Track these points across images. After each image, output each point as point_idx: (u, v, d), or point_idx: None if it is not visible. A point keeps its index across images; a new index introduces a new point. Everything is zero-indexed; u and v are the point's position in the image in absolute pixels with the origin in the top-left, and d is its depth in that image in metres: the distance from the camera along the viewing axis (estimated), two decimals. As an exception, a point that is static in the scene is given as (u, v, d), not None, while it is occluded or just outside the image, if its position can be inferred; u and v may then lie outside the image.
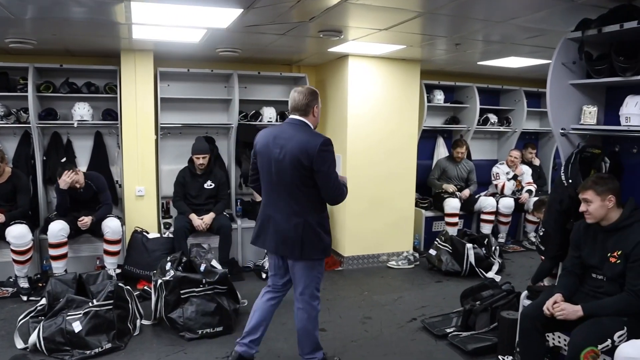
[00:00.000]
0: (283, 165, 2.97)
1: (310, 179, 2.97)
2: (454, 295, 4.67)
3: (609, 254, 2.84)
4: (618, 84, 3.20)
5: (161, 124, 5.68)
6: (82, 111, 5.32)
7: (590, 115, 3.31)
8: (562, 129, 3.41)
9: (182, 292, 3.91)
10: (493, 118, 7.15)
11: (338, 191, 3.06)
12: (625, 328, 2.66)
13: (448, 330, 4.01)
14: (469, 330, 3.97)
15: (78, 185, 4.75)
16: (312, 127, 3.14)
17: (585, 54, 3.22)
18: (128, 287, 3.99)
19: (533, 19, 3.66)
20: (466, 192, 6.48)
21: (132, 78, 5.34)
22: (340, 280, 5.40)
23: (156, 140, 5.64)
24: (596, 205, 2.83)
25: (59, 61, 5.31)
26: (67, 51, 5.32)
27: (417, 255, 6.05)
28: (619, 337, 2.63)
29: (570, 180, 3.24)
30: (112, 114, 5.53)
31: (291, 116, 3.12)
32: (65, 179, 4.60)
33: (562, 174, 3.32)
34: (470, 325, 4.00)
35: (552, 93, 3.37)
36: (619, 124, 3.11)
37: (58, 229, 4.60)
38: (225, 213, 5.53)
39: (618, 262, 2.79)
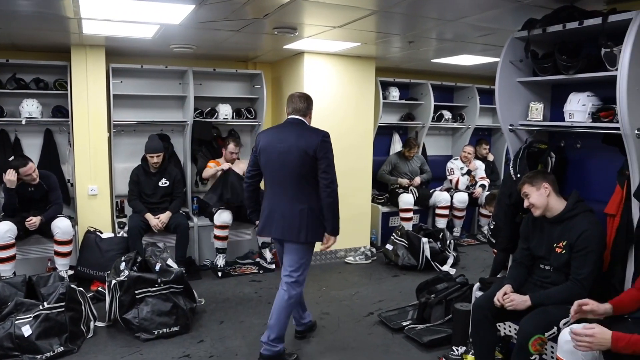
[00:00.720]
0: (289, 157, 3.33)
1: (313, 168, 3.33)
2: (410, 289, 4.74)
3: (554, 245, 2.95)
4: (562, 81, 3.32)
5: (114, 121, 5.57)
6: (30, 108, 5.15)
7: (537, 111, 3.43)
8: (510, 125, 3.52)
9: (137, 292, 3.85)
10: (447, 114, 7.30)
11: (335, 176, 3.38)
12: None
13: (404, 324, 4.08)
14: (424, 322, 4.04)
15: (34, 182, 4.61)
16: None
17: (531, 52, 3.33)
18: (81, 288, 3.88)
19: (483, 17, 3.75)
20: (417, 180, 6.63)
21: (83, 74, 5.20)
22: (299, 277, 5.41)
23: (109, 138, 5.51)
24: (535, 196, 2.94)
25: (5, 56, 5.12)
26: (13, 46, 5.15)
27: (374, 250, 6.13)
28: (564, 324, 2.73)
29: (518, 175, 3.35)
30: (62, 111, 5.38)
31: (292, 116, 3.50)
32: (9, 178, 4.45)
33: (510, 168, 3.44)
34: (425, 318, 4.08)
35: (500, 90, 3.48)
36: (564, 120, 3.23)
37: (4, 230, 4.44)
38: (181, 211, 5.46)
39: (563, 252, 2.90)
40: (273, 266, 5.57)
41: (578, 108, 3.12)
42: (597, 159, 3.37)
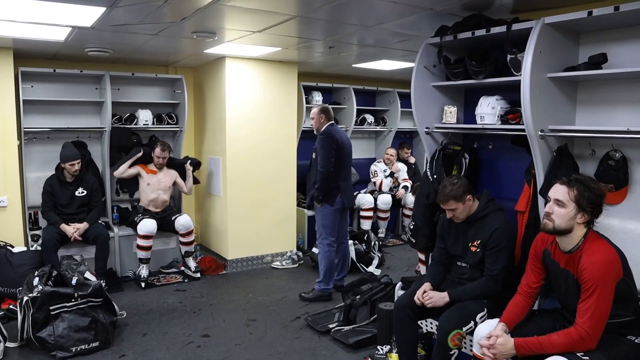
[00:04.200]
0: (349, 150, 4.89)
1: None
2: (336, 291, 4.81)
3: (469, 244, 3.08)
4: (473, 85, 3.49)
5: (25, 128, 5.26)
6: None
7: (451, 114, 3.57)
8: (426, 128, 3.65)
9: (51, 308, 3.65)
10: (370, 118, 7.46)
11: None
12: (486, 309, 2.91)
13: (331, 326, 4.12)
14: (350, 324, 4.10)
15: None
16: None
17: (443, 58, 3.47)
18: (-11, 307, 3.66)
19: (401, 24, 3.86)
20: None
21: (-11, 78, 4.90)
22: (225, 284, 5.35)
23: (19, 146, 5.21)
24: (460, 210, 3.04)
25: None
26: None
27: (300, 254, 6.15)
28: (480, 318, 2.87)
29: (435, 176, 3.48)
30: (-35, 119, 5.03)
31: (333, 122, 4.81)
32: None
33: (427, 169, 3.56)
34: (351, 319, 4.14)
35: (416, 94, 3.60)
36: (476, 123, 3.38)
37: None
38: (100, 221, 5.25)
39: (478, 250, 3.04)
40: (198, 274, 5.47)
41: (488, 111, 3.27)
42: (507, 159, 3.56)
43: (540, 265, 2.60)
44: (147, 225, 5.17)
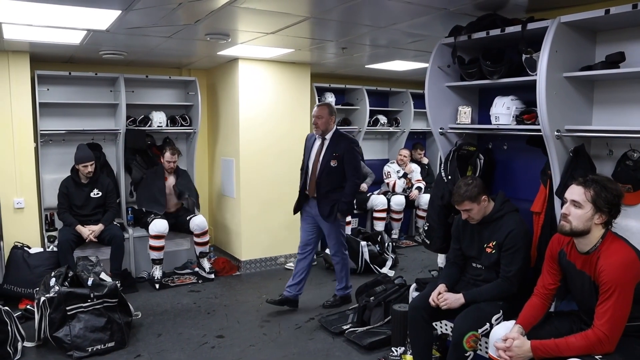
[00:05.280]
0: None
1: None
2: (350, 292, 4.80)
3: (485, 245, 3.05)
4: (487, 86, 3.46)
5: (41, 130, 5.32)
6: (-53, 118, 4.86)
7: (465, 115, 3.55)
8: (440, 129, 3.63)
9: (68, 308, 3.69)
10: (383, 119, 7.44)
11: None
12: (501, 311, 2.88)
13: (345, 327, 4.11)
14: (364, 325, 4.09)
15: None
16: None
17: (457, 58, 3.44)
18: (7, 307, 3.67)
19: (414, 24, 3.85)
20: (364, 186, 6.72)
21: (6, 81, 4.95)
22: (238, 285, 5.36)
23: (36, 148, 5.27)
24: (475, 211, 3.01)
25: None
26: None
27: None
28: (496, 320, 2.84)
29: (449, 177, 3.46)
30: (-17, 121, 5.10)
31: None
32: None
33: (441, 170, 3.54)
34: (365, 321, 4.13)
35: (430, 95, 3.58)
36: (491, 123, 3.36)
37: None
38: (115, 222, 5.29)
39: (493, 251, 3.01)
40: (212, 276, 5.49)
41: (503, 111, 3.25)
42: (523, 159, 3.53)
43: (556, 266, 2.57)
44: (158, 226, 5.20)
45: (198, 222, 5.40)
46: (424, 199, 6.87)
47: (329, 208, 4.35)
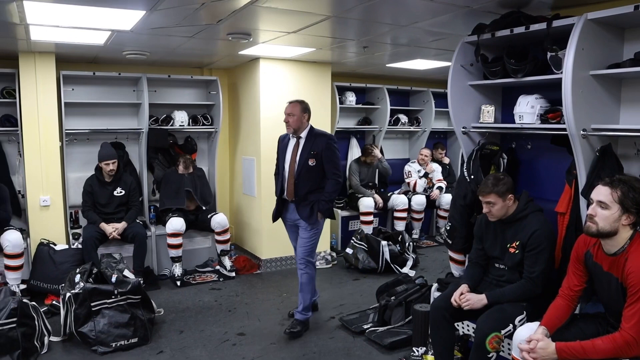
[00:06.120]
0: None
1: None
2: (370, 292, 4.78)
3: (508, 245, 3.02)
4: (511, 84, 3.42)
5: (66, 130, 5.42)
6: (-23, 117, 4.97)
7: (488, 114, 3.51)
8: (463, 128, 3.60)
9: (92, 304, 3.74)
10: (403, 118, 7.40)
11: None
12: (525, 312, 2.85)
13: (365, 327, 4.10)
14: (385, 325, 4.08)
15: None
16: None
17: (481, 56, 3.41)
18: (34, 303, 3.76)
19: (435, 22, 3.82)
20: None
21: (33, 81, 5.03)
22: (259, 284, 5.38)
23: (61, 147, 5.36)
24: (499, 206, 2.98)
25: (-51, 64, 4.94)
26: (-44, 53, 4.95)
27: (334, 254, 6.15)
28: (519, 321, 2.81)
29: (472, 176, 3.43)
30: (11, 120, 5.19)
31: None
32: None
33: (464, 170, 3.51)
34: (386, 320, 4.12)
35: (452, 94, 3.55)
36: (514, 122, 3.32)
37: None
38: (138, 220, 5.35)
39: (516, 252, 2.97)
40: (233, 274, 5.52)
41: (527, 110, 3.21)
42: (547, 159, 3.48)
43: (582, 267, 2.53)
44: (174, 224, 5.26)
45: (219, 220, 5.44)
46: (445, 198, 6.83)
47: (309, 209, 4.06)
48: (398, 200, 6.64)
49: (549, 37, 2.94)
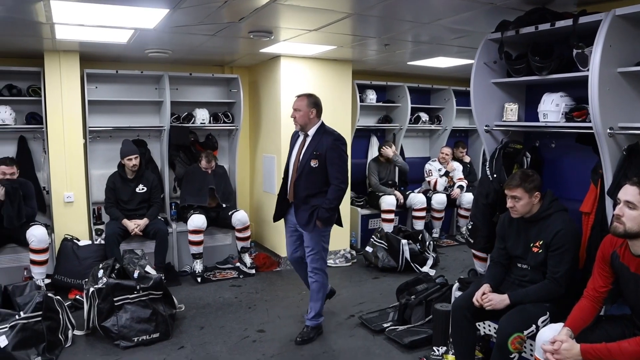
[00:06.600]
0: None
1: None
2: (390, 290, 4.76)
3: (531, 244, 2.98)
4: (536, 82, 3.38)
5: (90, 127, 5.49)
6: (3, 115, 5.05)
7: (511, 112, 3.48)
8: (486, 126, 3.56)
9: (115, 299, 3.79)
10: (424, 117, 7.35)
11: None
12: (548, 313, 2.81)
13: (385, 325, 4.09)
14: (405, 324, 4.06)
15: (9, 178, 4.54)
16: None
17: (505, 54, 3.37)
18: (58, 297, 3.83)
19: (458, 20, 3.79)
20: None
21: (57, 80, 5.12)
22: (279, 281, 5.40)
23: (85, 145, 5.44)
24: (524, 202, 2.94)
25: (-23, 63, 5.04)
26: (-16, 52, 5.05)
27: (354, 253, 6.14)
28: (542, 322, 2.77)
29: (495, 175, 3.40)
30: (36, 118, 5.29)
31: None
32: None
33: (487, 169, 3.47)
34: (406, 319, 4.10)
35: (475, 91, 3.52)
36: (538, 120, 3.28)
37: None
38: (159, 217, 5.41)
39: (540, 251, 2.94)
40: (253, 271, 5.54)
41: (552, 108, 3.16)
42: (571, 158, 3.43)
43: (608, 268, 2.49)
44: (196, 221, 5.29)
45: (240, 217, 5.47)
46: (466, 197, 6.77)
47: (308, 215, 3.74)
48: (416, 199, 6.60)
49: (575, 34, 2.89)
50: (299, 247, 4.04)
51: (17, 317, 3.41)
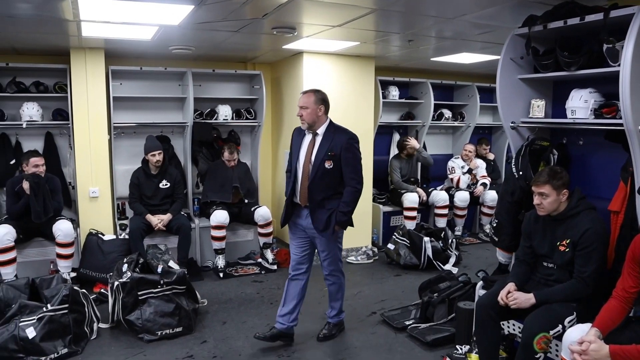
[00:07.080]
0: None
1: None
2: (412, 288, 4.74)
3: (558, 243, 2.93)
4: (564, 78, 3.31)
5: (114, 123, 5.56)
6: (31, 111, 5.14)
7: (538, 108, 3.42)
8: (512, 123, 3.51)
9: (139, 293, 3.84)
10: (447, 113, 7.29)
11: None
12: (575, 313, 2.76)
13: (407, 323, 4.07)
14: (427, 321, 4.04)
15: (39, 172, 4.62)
16: None
17: (532, 49, 3.31)
18: (84, 290, 3.90)
19: (483, 15, 3.74)
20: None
21: (83, 77, 5.19)
22: (301, 277, 5.40)
23: (109, 140, 5.51)
24: (551, 199, 2.89)
25: (5, 60, 5.12)
26: (13, 49, 5.13)
27: (375, 250, 6.12)
28: (569, 322, 2.73)
29: (520, 172, 3.35)
30: (62, 114, 5.38)
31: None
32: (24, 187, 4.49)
33: (512, 166, 3.42)
34: (428, 317, 4.07)
35: (501, 88, 3.47)
36: (566, 117, 3.22)
37: (3, 233, 4.42)
38: (182, 213, 5.46)
39: (567, 250, 2.89)
40: (275, 267, 5.56)
41: (580, 104, 3.10)
42: (600, 155, 3.37)
43: (638, 269, 2.43)
44: (219, 216, 5.33)
45: (262, 212, 5.49)
46: (489, 195, 6.69)
47: (325, 220, 3.55)
48: (438, 196, 6.54)
49: (606, 28, 2.83)
50: (305, 253, 3.78)
51: (44, 309, 3.48)
